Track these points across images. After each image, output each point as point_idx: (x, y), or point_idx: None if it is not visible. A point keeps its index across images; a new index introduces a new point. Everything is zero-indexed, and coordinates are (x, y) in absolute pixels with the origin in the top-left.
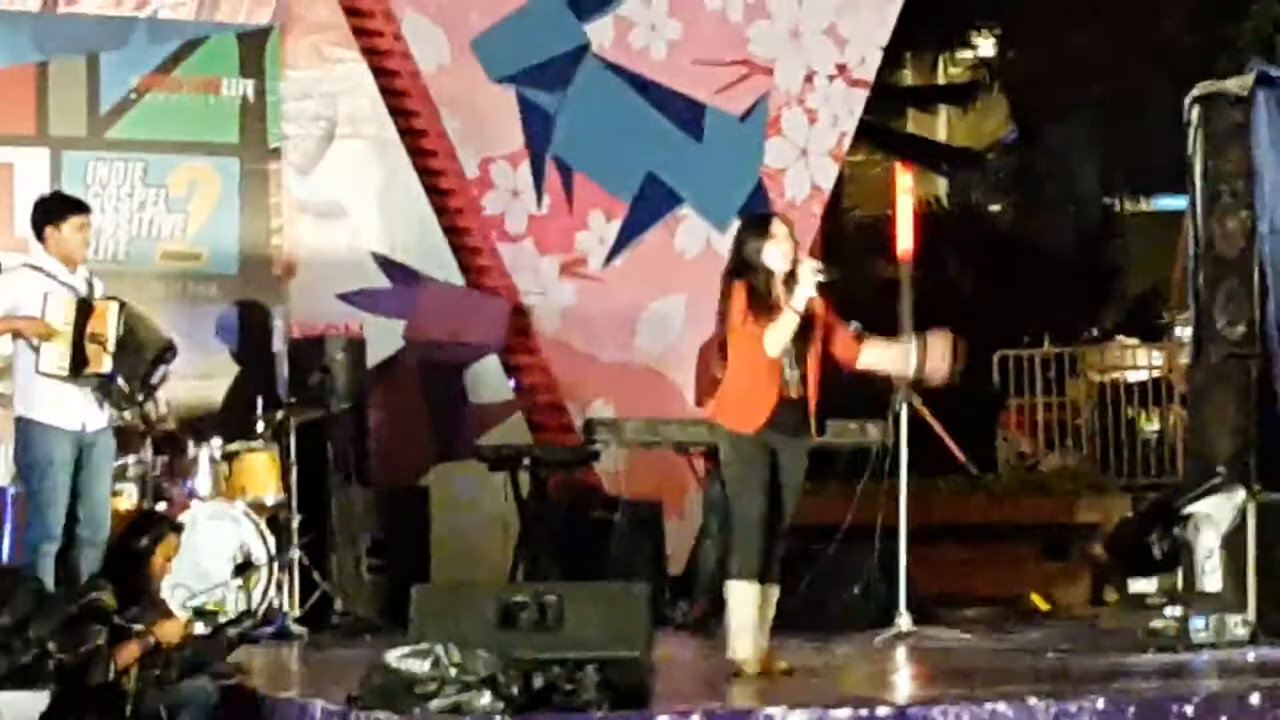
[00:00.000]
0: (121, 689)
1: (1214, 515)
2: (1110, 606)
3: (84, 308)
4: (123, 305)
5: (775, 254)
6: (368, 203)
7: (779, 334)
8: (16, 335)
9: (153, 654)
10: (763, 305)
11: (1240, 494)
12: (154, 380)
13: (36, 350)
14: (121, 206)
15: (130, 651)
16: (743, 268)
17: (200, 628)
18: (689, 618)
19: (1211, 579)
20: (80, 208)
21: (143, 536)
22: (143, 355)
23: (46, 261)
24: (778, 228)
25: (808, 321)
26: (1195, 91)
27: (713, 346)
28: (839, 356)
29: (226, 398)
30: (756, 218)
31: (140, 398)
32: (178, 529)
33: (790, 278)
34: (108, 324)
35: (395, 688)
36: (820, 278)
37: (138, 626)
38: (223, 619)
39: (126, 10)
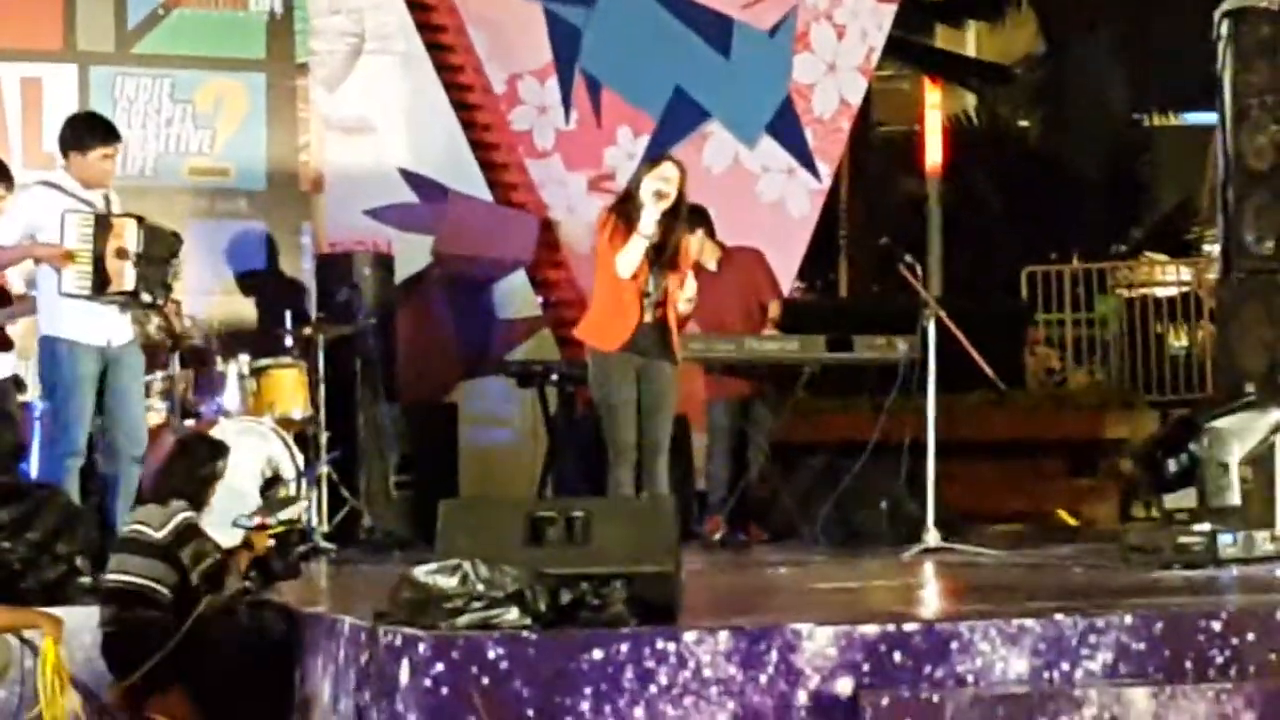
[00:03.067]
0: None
1: (1234, 430)
2: (1138, 522)
3: (102, 224)
4: (140, 220)
5: (649, 188)
6: (395, 118)
7: (626, 256)
8: (37, 261)
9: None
10: (626, 233)
11: (1273, 411)
12: (168, 278)
13: (59, 271)
14: (149, 122)
15: (243, 560)
16: (622, 197)
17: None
18: (702, 532)
19: (1227, 494)
20: (109, 137)
21: (204, 463)
22: (161, 264)
23: (63, 179)
24: (664, 168)
25: (669, 250)
26: (1225, 5)
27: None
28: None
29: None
30: (657, 155)
31: (160, 301)
32: (226, 454)
33: (673, 215)
34: (127, 240)
35: (423, 603)
36: (664, 204)
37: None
38: (293, 528)
39: None
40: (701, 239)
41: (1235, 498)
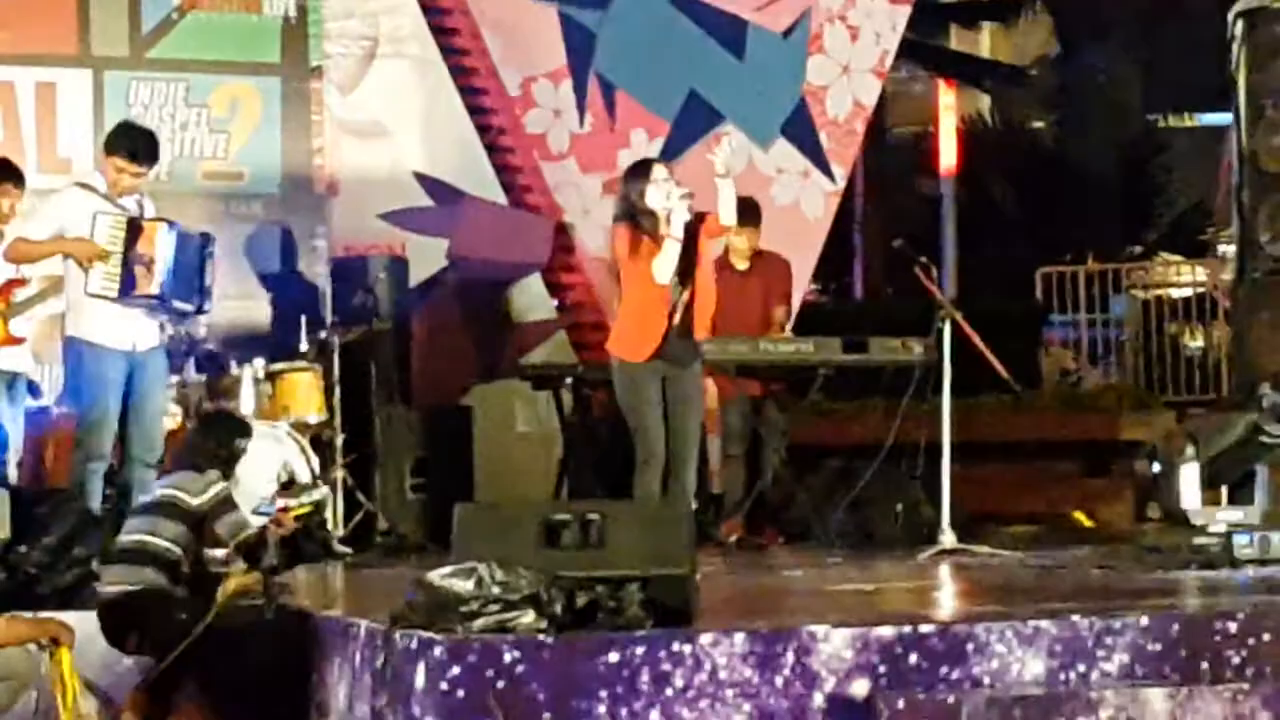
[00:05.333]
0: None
1: (1197, 432)
2: (1153, 523)
3: (133, 228)
4: (171, 225)
5: (656, 195)
6: (410, 122)
7: (664, 262)
8: (66, 256)
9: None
10: (649, 242)
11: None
12: (207, 280)
13: (86, 271)
14: (163, 127)
15: (274, 535)
16: (628, 211)
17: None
18: (718, 535)
19: (1174, 497)
20: (130, 154)
21: (229, 440)
22: (191, 269)
23: (98, 182)
24: (658, 171)
25: (689, 247)
26: (1239, 6)
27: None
28: (711, 231)
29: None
30: (638, 164)
31: (197, 303)
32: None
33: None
34: (157, 245)
35: (438, 606)
36: (689, 201)
37: (278, 509)
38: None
39: None
40: (752, 233)
41: (1186, 500)
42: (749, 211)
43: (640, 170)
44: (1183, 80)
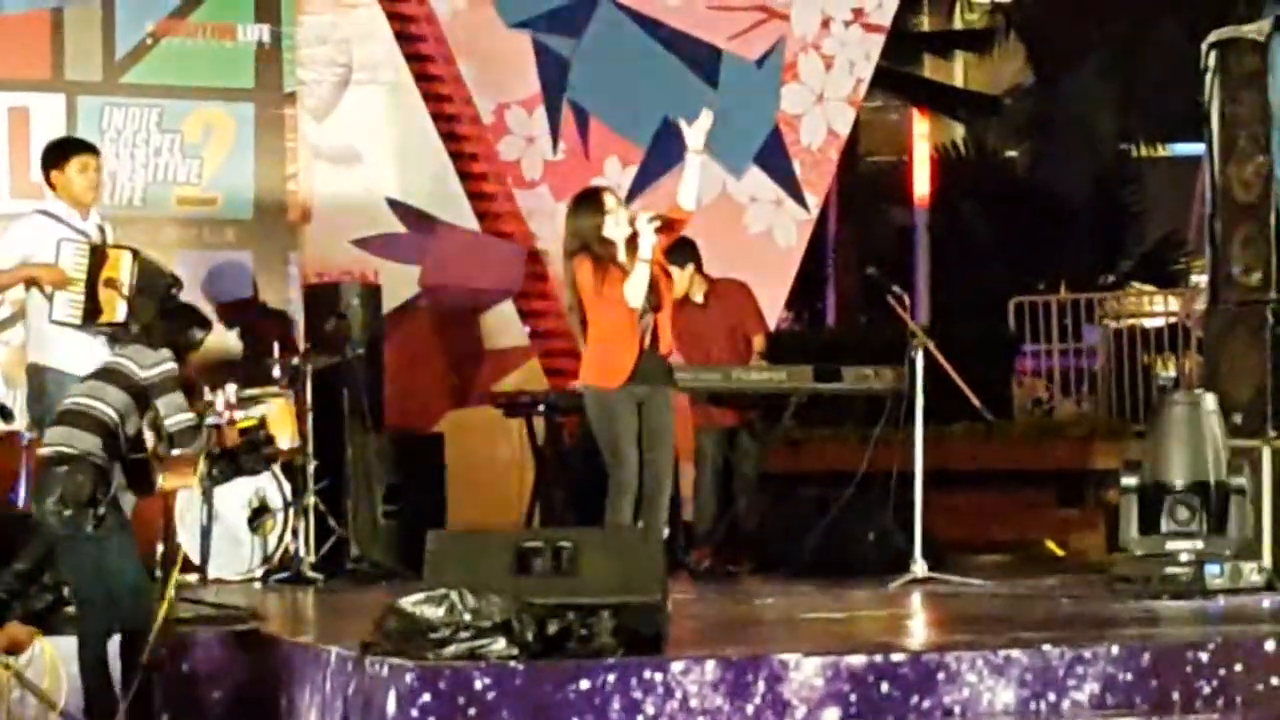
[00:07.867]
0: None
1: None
2: (1125, 553)
3: (97, 255)
4: (135, 253)
5: (612, 225)
6: (383, 148)
7: (636, 285)
8: (31, 283)
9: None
10: (614, 271)
11: None
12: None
13: (50, 298)
14: (137, 152)
15: (214, 439)
16: (584, 245)
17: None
18: (689, 562)
19: (1124, 525)
20: (83, 147)
21: (184, 329)
22: (153, 300)
23: (58, 208)
24: (609, 201)
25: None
26: (1212, 37)
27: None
28: (674, 221)
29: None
30: (585, 196)
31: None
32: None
33: (631, 239)
34: (121, 271)
35: (410, 633)
36: (656, 224)
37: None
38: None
39: None
40: (691, 273)
41: (1122, 530)
42: (689, 250)
43: (590, 203)
44: (1156, 110)
